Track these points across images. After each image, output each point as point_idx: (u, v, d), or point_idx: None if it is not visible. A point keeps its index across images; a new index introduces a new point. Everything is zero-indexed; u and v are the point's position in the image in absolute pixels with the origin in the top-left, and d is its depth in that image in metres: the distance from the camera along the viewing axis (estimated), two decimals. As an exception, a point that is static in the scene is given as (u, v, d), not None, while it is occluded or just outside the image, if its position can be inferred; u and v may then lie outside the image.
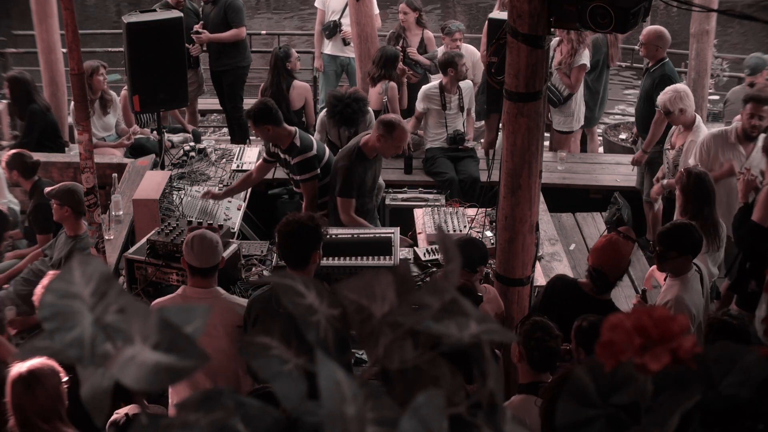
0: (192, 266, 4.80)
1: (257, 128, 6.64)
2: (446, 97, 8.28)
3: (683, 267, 5.19)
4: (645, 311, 1.15)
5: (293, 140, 6.64)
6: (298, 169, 6.64)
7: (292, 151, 6.64)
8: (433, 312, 1.11)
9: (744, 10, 13.31)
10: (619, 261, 4.99)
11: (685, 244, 5.13)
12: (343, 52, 9.93)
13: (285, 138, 6.65)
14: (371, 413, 1.01)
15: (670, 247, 5.11)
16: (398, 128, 6.44)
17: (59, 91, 9.27)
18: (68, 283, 1.08)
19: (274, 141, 6.71)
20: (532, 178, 5.15)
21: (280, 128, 6.62)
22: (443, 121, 8.35)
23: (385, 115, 6.76)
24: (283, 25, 17.23)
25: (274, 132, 6.60)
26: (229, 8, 9.35)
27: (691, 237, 5.16)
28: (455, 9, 18.79)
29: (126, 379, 1.01)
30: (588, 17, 4.63)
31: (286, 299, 1.15)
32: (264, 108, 6.60)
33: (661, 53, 7.93)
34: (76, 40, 4.92)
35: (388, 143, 6.46)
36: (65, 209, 6.23)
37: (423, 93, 8.38)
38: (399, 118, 6.68)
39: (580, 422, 1.15)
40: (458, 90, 8.29)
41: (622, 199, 8.02)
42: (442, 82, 8.31)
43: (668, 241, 5.14)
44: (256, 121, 6.58)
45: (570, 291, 5.14)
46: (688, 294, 5.14)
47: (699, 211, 5.86)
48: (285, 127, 6.69)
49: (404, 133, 6.53)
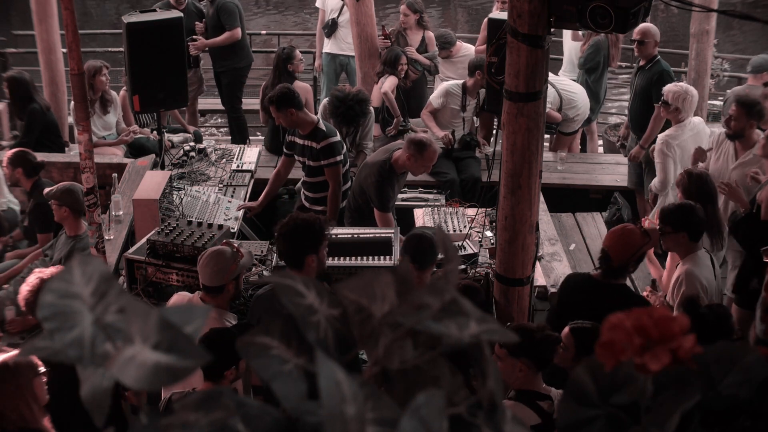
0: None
1: (279, 113, 6.67)
2: (467, 99, 8.37)
3: (686, 246, 5.39)
4: (645, 311, 1.15)
5: (317, 125, 6.73)
6: (324, 153, 6.70)
7: (316, 136, 6.71)
8: (433, 312, 1.11)
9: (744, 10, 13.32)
10: (627, 248, 5.03)
11: (680, 222, 5.37)
12: (342, 50, 9.94)
13: (307, 124, 6.73)
14: (371, 413, 1.01)
15: (666, 223, 5.41)
16: (429, 149, 6.51)
17: (59, 91, 9.27)
18: (68, 283, 1.08)
19: (296, 126, 6.77)
20: (532, 178, 5.15)
21: (303, 113, 6.72)
22: (456, 121, 8.41)
23: (415, 135, 6.79)
24: (284, 25, 17.24)
25: (296, 117, 6.67)
26: (222, 10, 9.36)
27: (687, 215, 5.39)
28: (455, 9, 18.79)
29: (126, 379, 1.01)
30: (588, 17, 4.63)
31: (286, 299, 1.15)
32: (287, 92, 6.67)
33: (655, 50, 7.98)
34: (76, 40, 4.92)
35: (419, 162, 6.56)
36: (64, 209, 6.23)
37: (445, 89, 8.44)
38: (429, 138, 6.71)
39: (580, 422, 1.15)
40: (478, 96, 8.38)
41: (622, 199, 8.02)
42: (465, 83, 8.38)
43: (665, 217, 5.45)
44: (279, 106, 6.62)
45: (583, 284, 5.23)
46: (699, 268, 5.33)
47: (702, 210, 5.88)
48: (307, 112, 6.80)
49: (434, 153, 6.60)
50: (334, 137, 6.75)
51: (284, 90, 6.72)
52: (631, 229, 5.11)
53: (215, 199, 7.21)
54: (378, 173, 6.58)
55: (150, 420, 1.05)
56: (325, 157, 6.71)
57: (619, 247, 5.02)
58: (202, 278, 4.90)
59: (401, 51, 8.82)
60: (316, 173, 6.86)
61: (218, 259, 4.88)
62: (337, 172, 6.77)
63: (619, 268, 5.06)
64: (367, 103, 7.99)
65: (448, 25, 16.68)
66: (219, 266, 4.85)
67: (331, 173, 6.77)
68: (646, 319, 1.13)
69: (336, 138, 6.76)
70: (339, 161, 6.76)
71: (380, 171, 6.58)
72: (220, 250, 4.97)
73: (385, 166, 6.60)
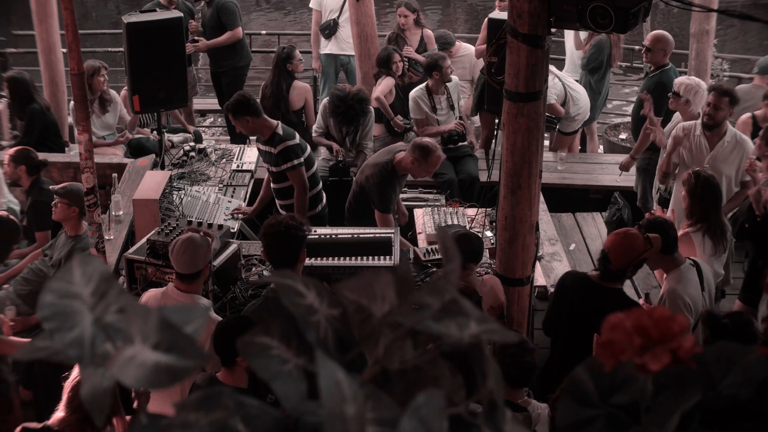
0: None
1: (236, 120, 6.65)
2: (435, 99, 8.36)
3: (669, 263, 5.27)
4: (645, 311, 1.15)
5: (275, 130, 6.67)
6: (282, 157, 6.64)
7: (273, 140, 6.66)
8: (433, 312, 1.11)
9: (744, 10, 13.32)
10: (627, 252, 4.96)
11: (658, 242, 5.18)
12: (342, 50, 9.94)
13: (266, 130, 6.68)
14: (371, 413, 1.01)
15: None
16: (434, 155, 6.47)
17: (59, 91, 9.27)
18: (68, 283, 1.08)
19: (254, 133, 6.77)
20: (532, 178, 5.15)
21: (260, 119, 6.65)
22: (435, 123, 8.40)
23: (422, 140, 6.73)
24: (283, 24, 17.24)
25: (253, 123, 6.62)
26: (222, 10, 9.36)
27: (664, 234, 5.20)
28: (455, 9, 18.78)
29: (126, 379, 1.01)
30: (588, 17, 4.63)
31: (286, 299, 1.15)
32: (242, 100, 6.63)
33: (665, 59, 7.93)
34: (76, 40, 4.92)
35: (422, 167, 6.52)
36: (73, 209, 6.23)
37: (412, 99, 8.42)
38: (435, 144, 6.63)
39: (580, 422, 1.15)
40: (445, 89, 8.36)
41: (622, 199, 8.01)
42: (428, 85, 8.37)
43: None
44: (235, 113, 6.59)
45: (580, 283, 5.19)
46: (682, 285, 5.21)
47: (705, 214, 5.84)
48: (266, 118, 6.72)
49: (439, 159, 6.54)
50: (291, 140, 6.66)
51: (239, 98, 6.67)
52: (634, 234, 5.04)
53: (215, 199, 7.22)
54: (380, 174, 6.56)
55: (150, 420, 1.05)
56: (284, 161, 6.66)
57: (620, 251, 4.96)
58: (179, 267, 4.92)
59: (393, 49, 8.80)
60: (280, 179, 6.82)
61: (193, 246, 4.92)
62: (299, 175, 6.69)
63: (617, 272, 5.00)
64: (368, 102, 8.00)
65: (448, 25, 16.67)
66: (195, 253, 4.89)
67: (293, 176, 6.70)
68: (646, 319, 1.13)
69: (293, 141, 6.67)
70: (299, 164, 6.68)
71: (382, 172, 6.57)
72: (191, 237, 4.99)
73: (388, 167, 6.58)
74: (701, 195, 5.86)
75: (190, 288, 4.93)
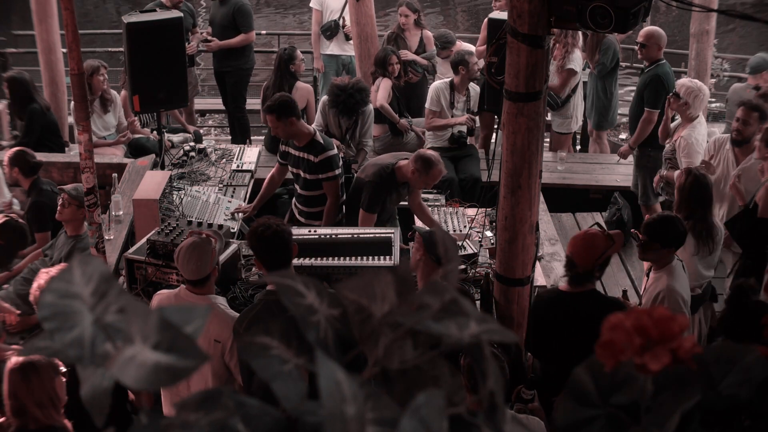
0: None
1: (280, 122, 6.49)
2: (455, 96, 8.36)
3: (666, 258, 5.33)
4: (645, 311, 1.15)
5: (314, 138, 6.59)
6: (323, 166, 6.57)
7: (313, 148, 6.57)
8: (433, 312, 1.11)
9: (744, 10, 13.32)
10: (590, 252, 4.90)
11: (669, 237, 5.29)
12: (344, 50, 9.94)
13: (305, 135, 6.59)
14: (371, 413, 1.01)
15: (655, 239, 5.29)
16: (436, 168, 6.39)
17: (59, 91, 9.27)
18: (68, 283, 1.08)
19: (291, 136, 6.62)
20: (532, 178, 5.15)
21: (301, 124, 6.62)
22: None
23: (426, 152, 6.69)
24: (284, 25, 17.24)
25: (296, 127, 6.53)
26: (239, 12, 9.34)
27: (675, 230, 5.31)
28: (455, 9, 18.78)
29: (126, 379, 1.01)
30: (588, 17, 4.63)
31: (287, 299, 1.15)
32: (287, 101, 6.55)
33: (660, 53, 7.94)
34: (76, 40, 4.92)
35: (422, 179, 6.44)
36: (82, 211, 6.18)
37: (434, 90, 8.43)
38: (438, 158, 6.53)
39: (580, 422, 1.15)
40: (467, 92, 8.37)
41: (622, 199, 8.02)
42: (453, 81, 8.37)
43: (653, 233, 5.31)
44: (281, 114, 6.46)
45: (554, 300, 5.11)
46: (678, 282, 5.28)
47: (692, 211, 5.85)
48: (304, 123, 6.69)
49: (440, 173, 6.46)
50: (332, 150, 6.62)
51: (285, 98, 6.58)
52: (594, 233, 5.03)
53: (215, 199, 7.21)
54: (378, 174, 6.54)
55: (150, 420, 1.05)
56: (323, 171, 6.59)
57: (583, 252, 4.92)
58: (187, 275, 4.83)
59: (391, 50, 8.80)
60: (312, 187, 6.72)
61: (198, 252, 4.85)
62: (336, 186, 6.65)
63: (585, 274, 4.93)
64: (367, 93, 7.98)
65: (448, 25, 16.67)
66: (202, 259, 4.84)
67: (329, 187, 6.64)
68: (646, 319, 1.13)
69: (334, 151, 6.63)
70: (338, 174, 6.63)
71: (380, 173, 6.54)
72: (193, 243, 4.90)
73: (387, 170, 6.53)
74: (689, 192, 5.89)
75: (203, 291, 4.86)
